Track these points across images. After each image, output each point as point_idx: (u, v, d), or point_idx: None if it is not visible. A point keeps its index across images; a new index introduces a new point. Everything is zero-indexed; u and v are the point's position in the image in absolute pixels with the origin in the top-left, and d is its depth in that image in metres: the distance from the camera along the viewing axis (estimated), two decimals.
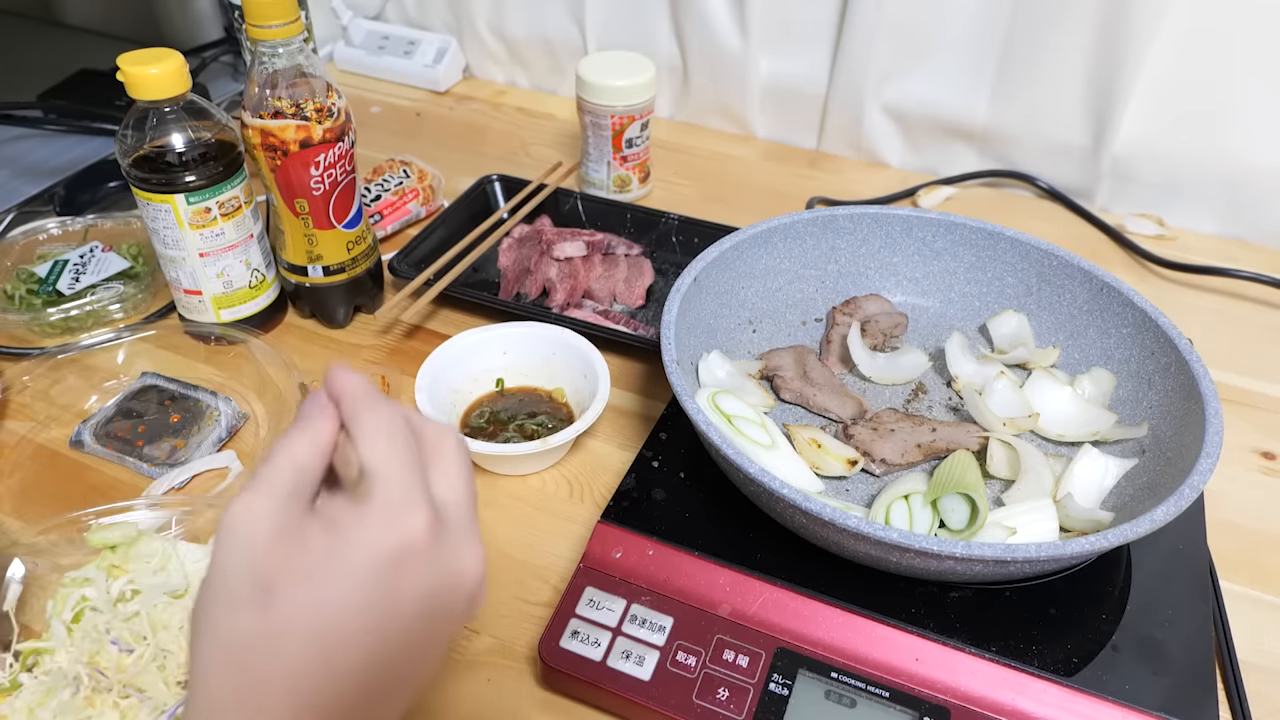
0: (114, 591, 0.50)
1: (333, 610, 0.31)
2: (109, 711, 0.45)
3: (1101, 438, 0.60)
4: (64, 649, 0.47)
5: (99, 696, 0.46)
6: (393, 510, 0.32)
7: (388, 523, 0.32)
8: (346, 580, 0.31)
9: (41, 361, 0.69)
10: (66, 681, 0.46)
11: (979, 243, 0.70)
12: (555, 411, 0.66)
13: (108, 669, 0.47)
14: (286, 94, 0.63)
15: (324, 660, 0.31)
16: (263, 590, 0.30)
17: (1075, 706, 0.46)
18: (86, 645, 0.48)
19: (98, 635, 0.48)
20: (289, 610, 0.31)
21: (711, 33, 0.99)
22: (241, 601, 0.30)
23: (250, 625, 0.30)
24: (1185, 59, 0.82)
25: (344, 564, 0.31)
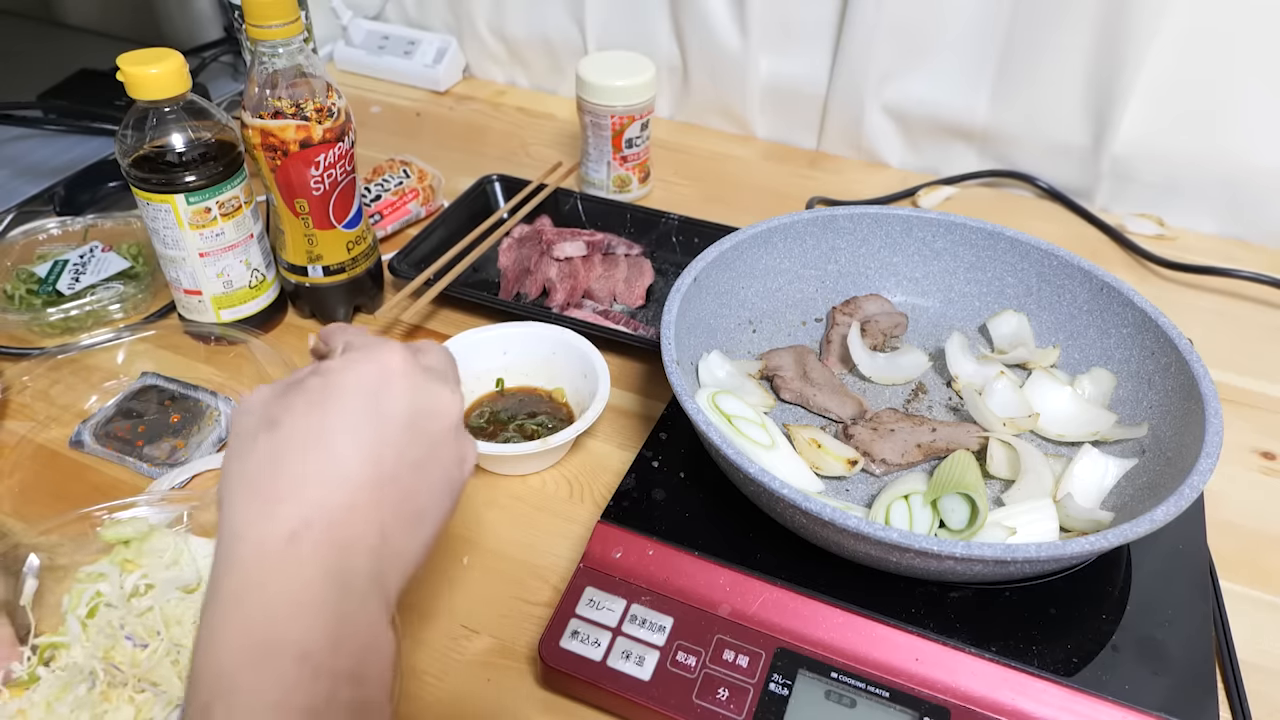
0: (127, 586, 0.51)
1: (328, 425, 0.36)
2: (124, 706, 0.46)
3: (1101, 438, 0.60)
4: (80, 644, 0.48)
5: (114, 691, 0.46)
6: (371, 349, 0.38)
7: (369, 358, 0.38)
8: (338, 400, 0.36)
9: (41, 361, 0.69)
10: (83, 677, 0.47)
11: (979, 243, 0.70)
12: (555, 411, 0.66)
13: (122, 664, 0.47)
14: (286, 94, 0.63)
15: (324, 465, 0.35)
16: (270, 425, 0.36)
17: (1075, 706, 0.46)
18: (102, 640, 0.48)
19: (112, 631, 0.49)
20: (291, 431, 0.35)
21: (711, 33, 0.99)
22: (255, 439, 0.35)
23: (261, 451, 0.35)
24: (1185, 59, 0.82)
25: (335, 390, 0.36)
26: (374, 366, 0.37)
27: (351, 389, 0.37)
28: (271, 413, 0.36)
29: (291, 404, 0.36)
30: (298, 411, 0.36)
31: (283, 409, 0.36)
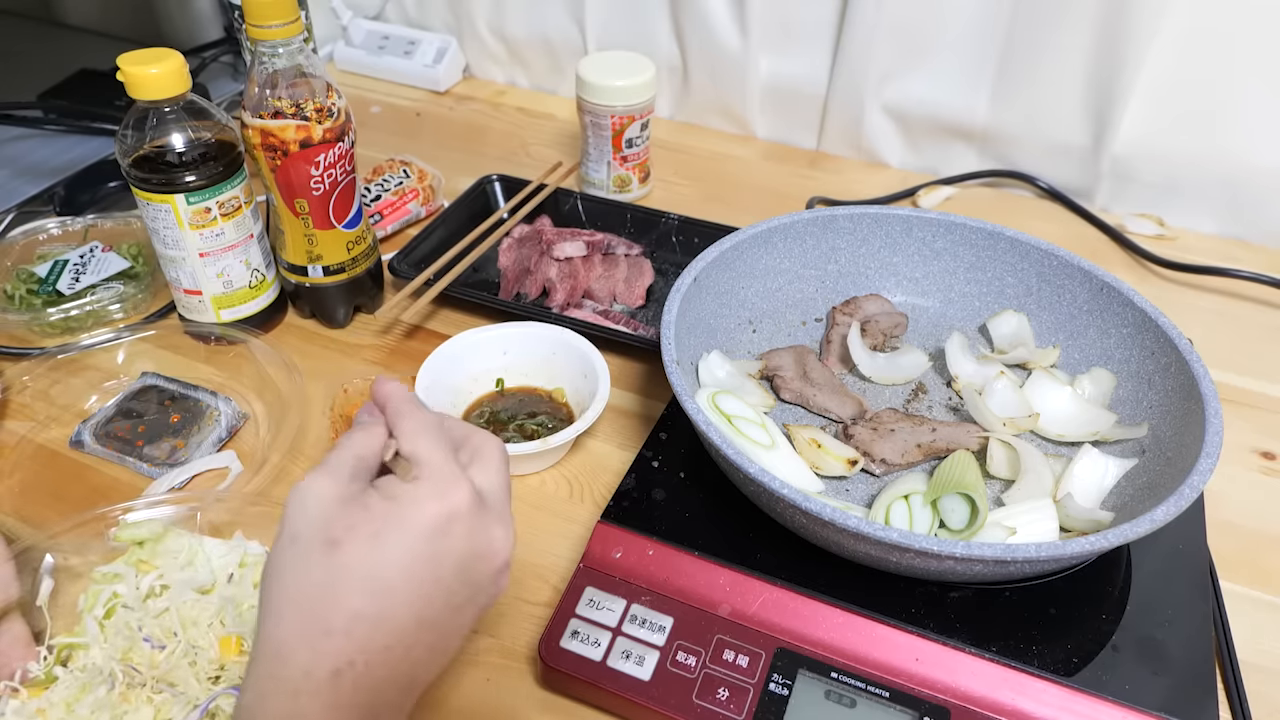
0: (143, 587, 0.51)
1: (388, 562, 0.36)
2: (144, 707, 0.46)
3: (1101, 438, 0.60)
4: (98, 645, 0.49)
5: (133, 692, 0.47)
6: (441, 484, 0.37)
7: (437, 494, 0.37)
8: (400, 539, 0.36)
9: (41, 361, 0.69)
10: (102, 678, 0.47)
11: (979, 243, 0.70)
12: (555, 411, 0.66)
13: (140, 665, 0.48)
14: (286, 94, 0.63)
15: (377, 606, 0.35)
16: (331, 545, 0.35)
17: (1075, 706, 0.46)
18: (119, 642, 0.49)
19: (130, 632, 0.49)
20: (351, 560, 0.35)
21: (711, 33, 0.99)
22: (312, 555, 0.35)
23: (318, 574, 0.35)
24: (1185, 59, 0.82)
25: (399, 525, 0.36)
26: (441, 507, 0.37)
27: (415, 529, 0.36)
28: (333, 530, 0.36)
29: (355, 525, 0.36)
30: (360, 538, 0.36)
31: (345, 529, 0.36)
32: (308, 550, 0.36)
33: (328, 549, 0.35)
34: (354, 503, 0.37)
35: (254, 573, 0.53)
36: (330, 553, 0.35)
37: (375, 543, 0.36)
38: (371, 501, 0.37)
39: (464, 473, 0.39)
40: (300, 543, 0.36)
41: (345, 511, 0.36)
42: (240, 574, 0.53)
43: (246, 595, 0.52)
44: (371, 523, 0.36)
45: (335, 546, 0.35)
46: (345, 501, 0.37)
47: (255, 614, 0.48)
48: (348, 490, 0.37)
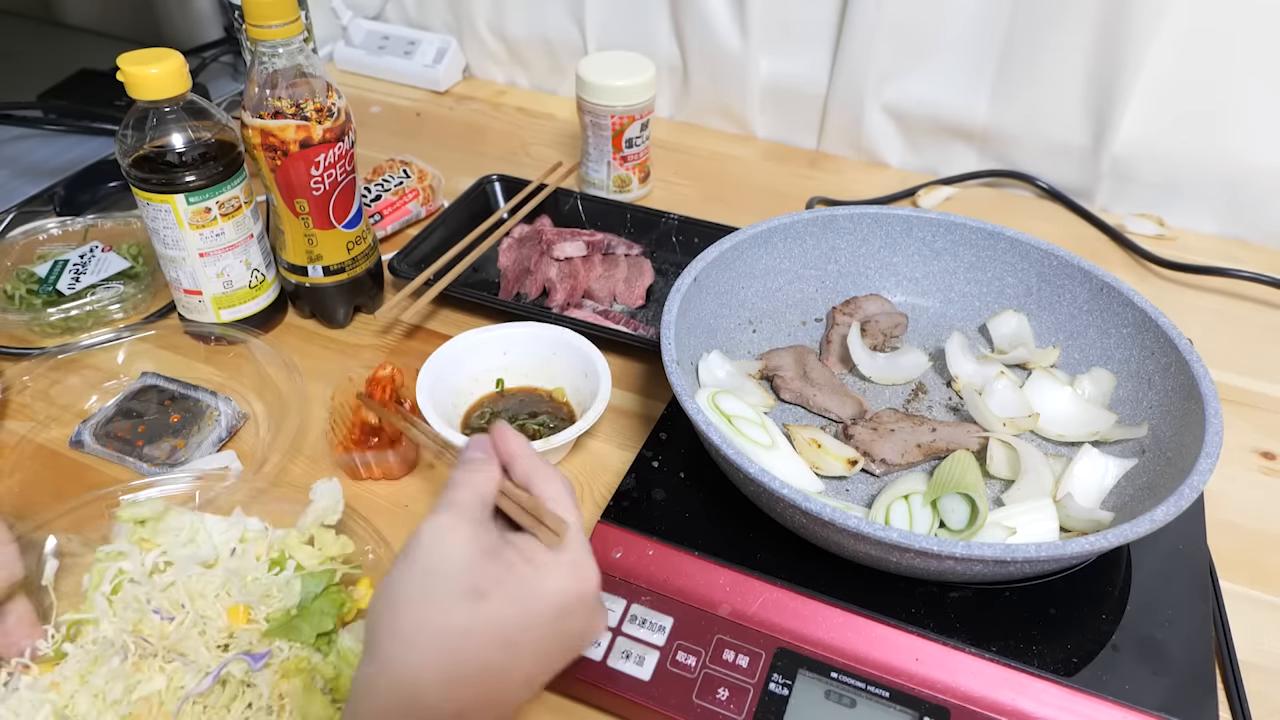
0: (148, 564, 0.52)
1: (522, 625, 0.38)
2: (157, 676, 0.47)
3: (1101, 438, 0.60)
4: (107, 619, 0.50)
5: (145, 662, 0.48)
6: (578, 566, 0.41)
7: (575, 575, 0.40)
8: (538, 607, 0.39)
9: (41, 361, 0.69)
10: (115, 649, 0.48)
11: (979, 243, 0.70)
12: (556, 411, 0.66)
13: (151, 636, 0.49)
14: (286, 94, 0.63)
15: (504, 661, 0.38)
16: (476, 596, 0.38)
17: (1075, 706, 0.46)
18: (129, 615, 0.50)
19: (139, 605, 0.50)
20: (493, 615, 0.38)
21: (711, 33, 0.99)
22: (456, 600, 0.37)
23: (462, 620, 0.37)
24: (1185, 59, 0.82)
25: (538, 595, 0.39)
26: (575, 588, 0.40)
27: (551, 602, 0.39)
28: (481, 581, 0.38)
29: (500, 581, 0.38)
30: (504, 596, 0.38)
31: (492, 583, 0.38)
32: (451, 594, 0.37)
33: (473, 598, 0.37)
34: (497, 558, 0.39)
35: (255, 547, 0.54)
36: (475, 603, 0.37)
37: (517, 605, 0.38)
38: (514, 561, 0.39)
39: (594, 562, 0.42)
40: (441, 581, 0.38)
41: (489, 565, 0.39)
42: (242, 549, 0.54)
43: (250, 568, 0.53)
44: (516, 584, 0.39)
45: (481, 599, 0.37)
46: (488, 554, 0.39)
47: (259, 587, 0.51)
48: (485, 539, 0.39)
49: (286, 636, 0.49)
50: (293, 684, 0.47)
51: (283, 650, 0.49)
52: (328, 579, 0.52)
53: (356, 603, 0.52)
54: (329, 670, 0.48)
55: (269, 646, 0.49)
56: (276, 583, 0.52)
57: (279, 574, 0.52)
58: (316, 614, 0.50)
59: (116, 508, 0.54)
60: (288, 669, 0.48)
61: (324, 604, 0.51)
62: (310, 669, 0.48)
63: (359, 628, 0.51)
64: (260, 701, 0.47)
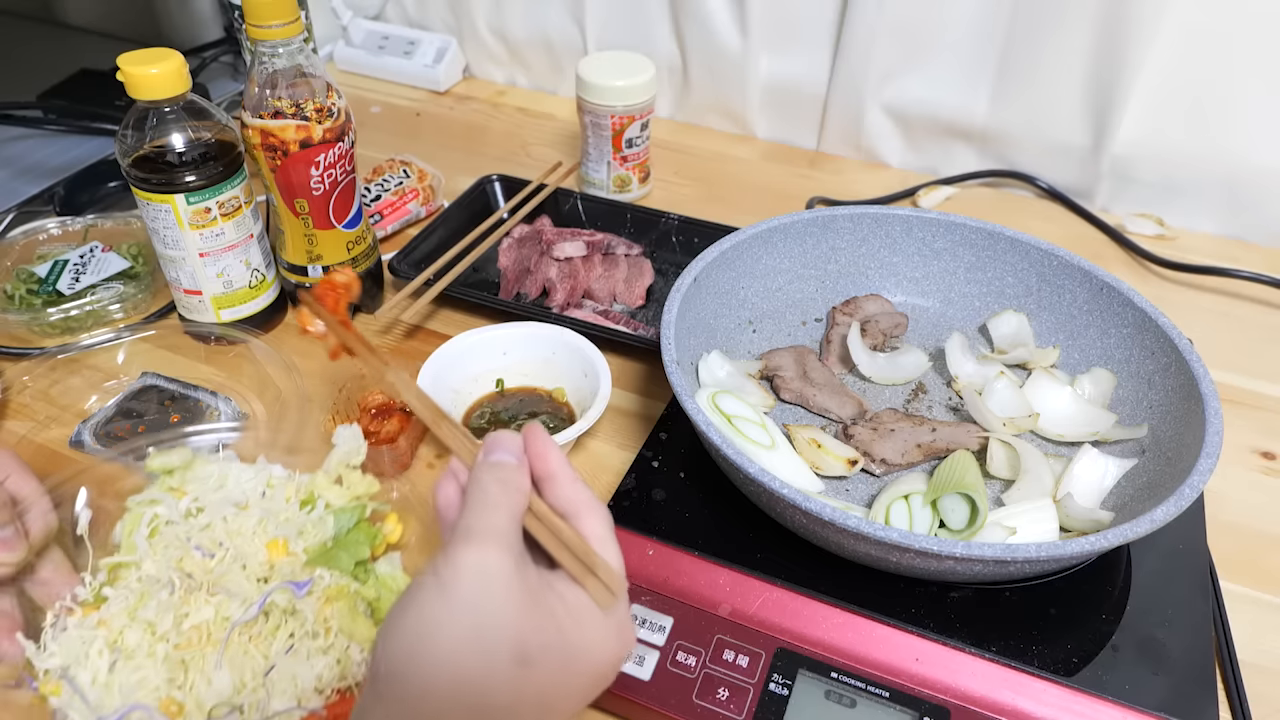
0: (181, 508, 0.54)
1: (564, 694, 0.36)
2: (204, 607, 0.48)
3: (1101, 438, 0.60)
4: (150, 559, 0.51)
5: (192, 596, 0.49)
6: (625, 629, 0.38)
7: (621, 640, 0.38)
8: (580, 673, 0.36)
9: (41, 361, 0.69)
10: (162, 584, 0.49)
11: (979, 243, 0.70)
12: (556, 411, 0.66)
13: (194, 572, 0.50)
14: (286, 94, 0.63)
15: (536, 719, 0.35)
16: (523, 662, 0.34)
17: (1075, 706, 0.46)
18: (171, 553, 0.51)
19: (180, 544, 0.52)
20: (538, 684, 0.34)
21: (711, 33, 0.99)
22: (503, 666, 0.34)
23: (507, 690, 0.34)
24: (1185, 59, 0.82)
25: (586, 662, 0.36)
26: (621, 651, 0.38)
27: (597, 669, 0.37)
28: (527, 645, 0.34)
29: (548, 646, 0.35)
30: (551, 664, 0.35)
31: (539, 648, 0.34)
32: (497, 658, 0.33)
33: (519, 665, 0.34)
34: (543, 609, 0.35)
35: (284, 490, 0.55)
36: (521, 670, 0.34)
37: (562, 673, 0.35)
38: (562, 618, 0.35)
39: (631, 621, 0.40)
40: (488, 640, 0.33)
41: (537, 619, 0.34)
42: (270, 492, 0.55)
43: (281, 508, 0.54)
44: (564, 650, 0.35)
45: (527, 666, 0.34)
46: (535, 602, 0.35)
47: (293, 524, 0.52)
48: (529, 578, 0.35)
49: (326, 565, 0.51)
50: (337, 607, 0.49)
51: (324, 578, 0.50)
52: (359, 513, 0.54)
53: (386, 537, 0.54)
54: (370, 593, 0.51)
55: (310, 575, 0.50)
56: (310, 519, 0.54)
57: (310, 511, 0.54)
58: (352, 545, 0.52)
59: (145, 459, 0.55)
60: (330, 594, 0.50)
61: (357, 536, 0.53)
62: (352, 594, 0.50)
63: (394, 558, 0.54)
64: (305, 627, 0.48)
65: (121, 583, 0.50)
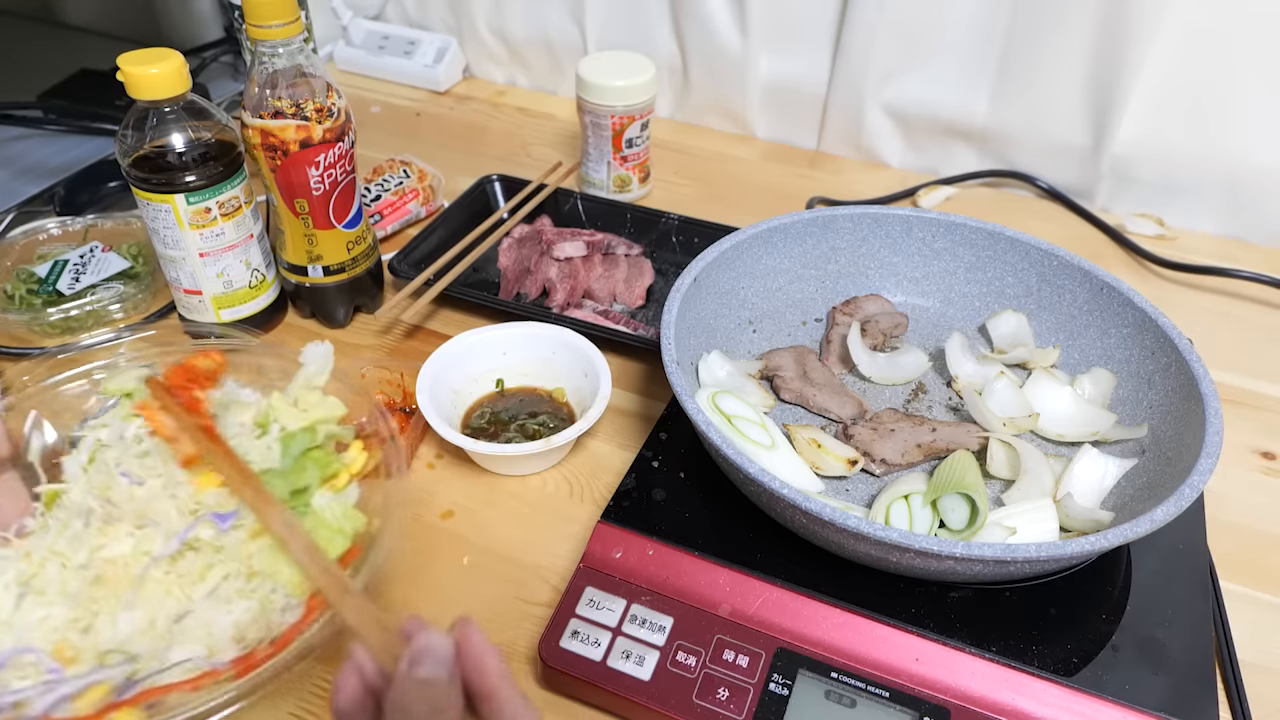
0: (128, 435, 0.50)
1: None
2: (124, 539, 0.45)
3: (1101, 438, 0.60)
4: (78, 486, 0.48)
5: (111, 527, 0.46)
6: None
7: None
8: None
9: (41, 361, 0.69)
10: (79, 514, 0.46)
11: (979, 243, 0.70)
12: (556, 411, 0.66)
13: (119, 501, 0.47)
14: (286, 94, 0.63)
15: None
16: None
17: (1075, 706, 0.46)
18: (99, 480, 0.48)
19: (108, 470, 0.48)
20: None
21: (711, 33, 0.99)
22: None
23: None
24: (1185, 59, 0.82)
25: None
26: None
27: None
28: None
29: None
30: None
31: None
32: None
33: None
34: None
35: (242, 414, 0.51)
36: None
37: None
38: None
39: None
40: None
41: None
42: (225, 415, 0.51)
43: (232, 433, 0.50)
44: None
45: None
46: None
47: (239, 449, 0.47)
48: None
49: None
50: (261, 543, 0.45)
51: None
52: (309, 440, 0.49)
53: (347, 467, 0.50)
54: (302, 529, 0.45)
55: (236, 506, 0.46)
56: (256, 446, 0.49)
57: (261, 437, 0.50)
58: (293, 473, 0.47)
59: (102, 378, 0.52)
60: (257, 530, 0.45)
61: (304, 463, 0.48)
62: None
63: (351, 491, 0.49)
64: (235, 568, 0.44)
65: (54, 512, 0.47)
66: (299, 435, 0.49)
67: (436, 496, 0.61)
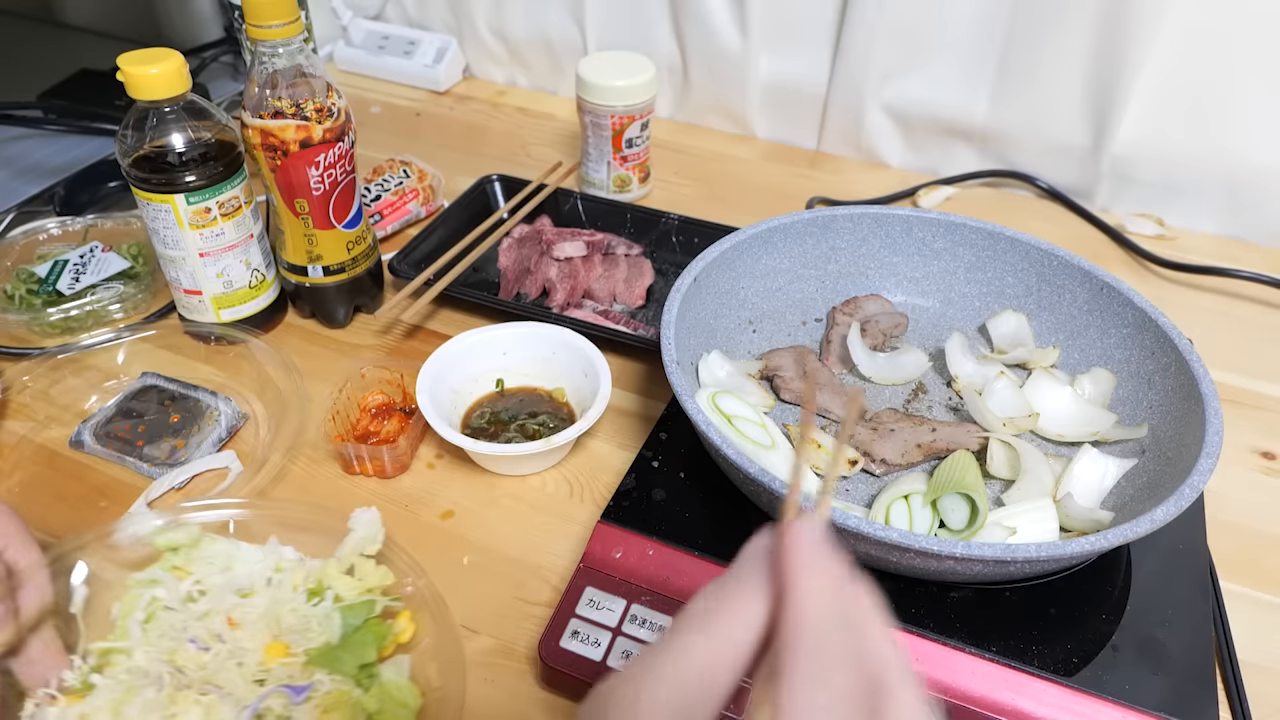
0: (182, 591, 0.50)
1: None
2: (192, 708, 0.45)
3: (1101, 438, 0.60)
4: (141, 649, 0.47)
5: (181, 694, 0.46)
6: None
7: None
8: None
9: (41, 361, 0.69)
10: (149, 680, 0.46)
11: (979, 243, 0.70)
12: (556, 411, 0.66)
13: (186, 667, 0.47)
14: (286, 94, 0.63)
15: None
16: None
17: (1075, 706, 0.46)
18: (164, 644, 0.48)
19: (175, 634, 0.48)
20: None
21: (711, 33, 0.99)
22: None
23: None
24: (1185, 59, 0.82)
25: None
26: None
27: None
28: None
29: None
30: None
31: None
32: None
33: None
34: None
35: (291, 577, 0.51)
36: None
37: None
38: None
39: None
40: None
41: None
42: (278, 578, 0.51)
43: (287, 598, 0.50)
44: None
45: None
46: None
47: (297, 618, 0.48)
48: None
49: (328, 668, 0.47)
50: (333, 717, 0.45)
51: (324, 683, 0.46)
52: (367, 611, 0.50)
53: (396, 636, 0.50)
54: (372, 704, 0.46)
55: (309, 679, 0.46)
56: (316, 615, 0.49)
57: (318, 604, 0.50)
58: (358, 646, 0.48)
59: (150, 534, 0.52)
60: (328, 703, 0.46)
61: (365, 636, 0.48)
62: (353, 702, 0.46)
63: (402, 661, 0.49)
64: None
65: (111, 670, 0.47)
66: (358, 607, 0.49)
67: (436, 496, 0.61)
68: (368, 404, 0.66)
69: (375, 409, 0.66)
